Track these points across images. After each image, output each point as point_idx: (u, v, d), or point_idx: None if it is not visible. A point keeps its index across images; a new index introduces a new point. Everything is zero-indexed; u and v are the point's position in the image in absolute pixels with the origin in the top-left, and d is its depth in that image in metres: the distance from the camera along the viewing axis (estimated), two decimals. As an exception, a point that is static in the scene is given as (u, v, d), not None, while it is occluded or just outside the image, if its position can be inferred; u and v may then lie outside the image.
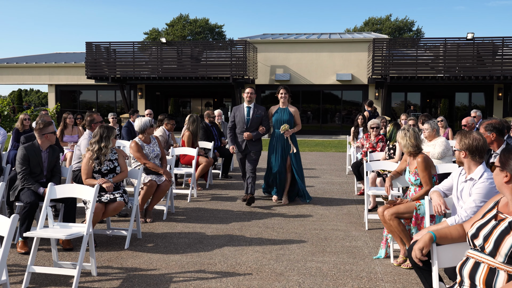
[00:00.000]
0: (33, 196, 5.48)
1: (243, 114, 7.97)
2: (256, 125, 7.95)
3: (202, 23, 62.14)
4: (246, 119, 7.94)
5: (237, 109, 8.08)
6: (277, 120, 7.97)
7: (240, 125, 7.98)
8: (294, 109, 8.03)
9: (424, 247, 2.95)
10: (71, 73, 28.75)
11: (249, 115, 7.94)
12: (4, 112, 13.09)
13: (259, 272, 4.84)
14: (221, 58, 25.31)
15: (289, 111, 7.98)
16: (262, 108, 8.06)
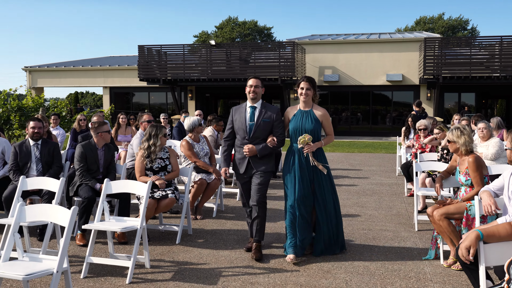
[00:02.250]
0: (91, 191, 5.77)
1: (244, 117, 5.33)
2: (263, 134, 5.28)
3: (250, 25, 62.59)
4: (248, 124, 5.29)
5: (236, 110, 5.46)
6: (295, 129, 5.27)
7: (240, 134, 5.37)
8: (322, 112, 5.34)
9: (470, 245, 2.92)
10: (125, 75, 29.65)
11: (252, 119, 5.30)
12: (63, 113, 13.72)
13: (307, 270, 4.90)
14: (270, 60, 25.45)
15: (313, 115, 5.29)
16: (273, 109, 5.37)
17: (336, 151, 17.53)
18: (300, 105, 5.39)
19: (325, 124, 5.36)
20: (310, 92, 5.29)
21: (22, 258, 3.72)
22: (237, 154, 5.43)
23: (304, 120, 5.26)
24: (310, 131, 5.19)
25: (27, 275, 3.32)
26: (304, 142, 5.14)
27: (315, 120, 5.26)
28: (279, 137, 5.30)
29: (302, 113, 5.33)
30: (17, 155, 6.21)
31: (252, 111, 5.34)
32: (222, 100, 35.32)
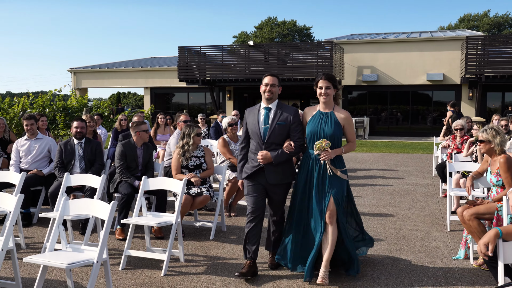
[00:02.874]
0: (130, 188, 6.07)
1: (257, 120, 4.72)
2: (279, 138, 4.66)
3: (290, 25, 62.65)
4: (262, 128, 4.68)
5: (249, 112, 4.88)
6: (313, 133, 4.64)
7: (254, 139, 4.76)
8: (344, 115, 4.69)
9: (489, 242, 2.99)
10: (165, 76, 30.30)
11: (267, 122, 4.67)
12: (105, 113, 14.24)
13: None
14: (308, 60, 25.49)
15: (334, 118, 4.65)
16: (290, 110, 4.74)
17: (373, 151, 17.44)
18: (320, 106, 4.74)
19: (347, 129, 4.71)
20: (330, 91, 4.64)
21: (65, 249, 4.00)
22: (250, 162, 4.75)
23: (323, 124, 4.62)
24: (329, 136, 4.55)
25: (70, 264, 3.59)
26: (321, 148, 4.49)
27: (335, 124, 4.61)
28: (297, 141, 4.65)
29: (321, 115, 4.68)
30: (62, 153, 6.58)
31: (267, 113, 4.70)
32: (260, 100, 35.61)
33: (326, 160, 4.53)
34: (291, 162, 4.85)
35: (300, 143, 4.68)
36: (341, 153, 4.64)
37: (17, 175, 5.73)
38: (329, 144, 4.49)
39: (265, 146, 4.65)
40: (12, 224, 4.11)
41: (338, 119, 4.64)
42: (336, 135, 4.59)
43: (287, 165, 4.74)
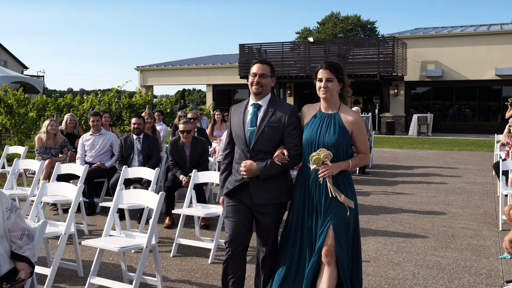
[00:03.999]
0: (171, 182, 6.48)
1: (242, 121, 3.64)
2: (269, 145, 3.56)
3: (354, 20, 61.75)
4: (248, 131, 3.60)
5: (235, 110, 3.78)
6: (309, 141, 3.52)
7: (238, 145, 3.68)
8: (353, 118, 3.51)
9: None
10: (226, 73, 30.91)
11: (254, 123, 3.59)
12: (167, 110, 14.84)
13: (377, 261, 5.11)
14: (369, 56, 25.16)
15: (339, 121, 3.51)
16: (286, 108, 3.59)
17: (434, 148, 17.04)
18: (321, 105, 3.57)
19: (357, 136, 3.49)
20: (333, 85, 3.45)
21: (119, 234, 4.37)
22: (234, 175, 3.65)
23: (324, 129, 3.45)
24: (331, 145, 3.40)
25: (122, 247, 3.95)
26: (318, 161, 3.34)
27: (340, 129, 3.43)
28: (293, 150, 3.51)
29: (322, 117, 3.51)
30: (122, 148, 7.04)
31: (255, 112, 3.59)
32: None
33: (327, 178, 3.36)
34: (286, 177, 3.66)
35: (297, 151, 3.53)
36: (347, 168, 3.43)
37: (81, 168, 6.23)
38: (329, 156, 3.35)
39: (251, 155, 3.53)
40: (74, 211, 4.54)
41: (344, 123, 3.44)
42: (340, 144, 3.41)
43: (280, 180, 3.59)
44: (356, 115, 3.51)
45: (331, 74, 3.46)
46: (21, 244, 3.09)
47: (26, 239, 3.13)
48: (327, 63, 3.51)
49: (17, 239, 3.09)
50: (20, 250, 3.07)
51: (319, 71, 3.50)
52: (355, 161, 3.50)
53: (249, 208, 3.62)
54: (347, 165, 3.44)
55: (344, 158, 3.46)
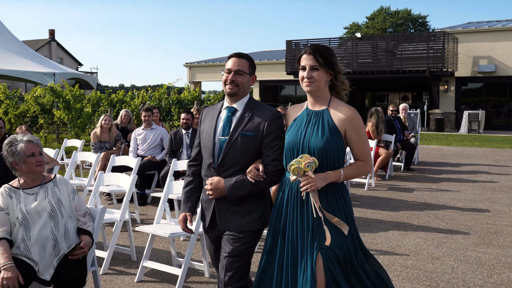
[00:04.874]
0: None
1: (213, 128, 3.05)
2: (242, 159, 2.95)
3: (404, 14, 60.55)
4: (218, 141, 3.00)
5: (207, 114, 3.17)
6: (291, 145, 2.84)
7: (205, 157, 3.07)
8: (346, 115, 2.80)
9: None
10: (273, 69, 31.13)
11: (226, 131, 2.99)
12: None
13: (416, 255, 5.21)
14: (418, 51, 24.74)
15: (329, 119, 2.81)
16: (266, 114, 2.96)
17: (484, 146, 16.66)
18: (308, 100, 2.92)
19: (352, 137, 2.78)
20: (318, 75, 2.78)
21: (169, 222, 4.69)
22: (204, 194, 3.09)
23: (310, 129, 2.78)
24: (319, 150, 2.71)
25: (171, 234, 4.26)
26: (299, 171, 2.66)
27: (330, 130, 2.75)
28: (271, 165, 2.88)
29: (308, 115, 2.85)
30: (172, 142, 7.40)
31: (228, 117, 2.99)
32: (370, 92, 35.14)
33: (310, 193, 2.68)
34: (263, 199, 3.01)
35: (276, 167, 2.87)
36: (337, 179, 2.73)
37: (133, 160, 6.63)
38: (313, 165, 2.66)
39: (219, 170, 2.94)
40: (128, 199, 4.89)
41: (334, 122, 2.76)
42: (329, 149, 2.71)
43: (254, 202, 2.95)
44: (351, 110, 2.79)
45: (317, 61, 2.76)
46: (85, 220, 3.49)
47: (88, 217, 3.55)
48: (312, 47, 2.80)
49: (81, 216, 3.50)
50: (84, 225, 3.47)
51: (302, 57, 2.82)
52: (349, 170, 2.77)
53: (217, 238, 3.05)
54: (337, 175, 2.71)
55: (335, 166, 2.75)
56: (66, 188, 3.46)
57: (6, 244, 3.18)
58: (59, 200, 3.37)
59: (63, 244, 3.29)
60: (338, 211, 2.75)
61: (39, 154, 3.35)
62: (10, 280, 2.99)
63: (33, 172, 3.35)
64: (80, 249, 3.28)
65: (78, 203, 3.52)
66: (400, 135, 10.71)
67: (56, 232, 3.28)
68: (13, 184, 3.39)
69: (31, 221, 3.25)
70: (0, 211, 3.30)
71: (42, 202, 3.31)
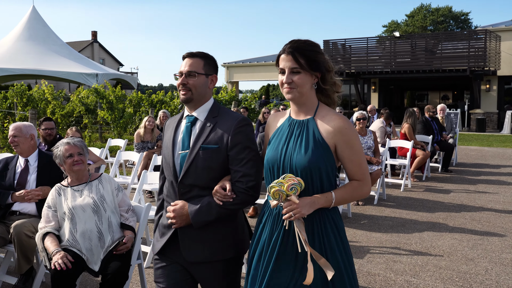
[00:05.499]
0: None
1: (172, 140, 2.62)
2: (206, 176, 2.50)
3: (444, 12, 59.31)
4: (178, 156, 2.57)
5: (169, 125, 2.72)
6: (271, 163, 2.37)
7: (167, 175, 2.64)
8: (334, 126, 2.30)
9: None
10: (310, 69, 31.10)
11: (186, 144, 2.56)
12: (251, 106, 15.45)
13: (450, 255, 5.27)
14: (458, 50, 24.29)
15: (315, 131, 2.32)
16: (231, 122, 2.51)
17: (526, 147, 16.26)
18: (291, 108, 2.46)
19: (344, 152, 2.31)
20: (300, 78, 2.31)
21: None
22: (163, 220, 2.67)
23: (293, 144, 2.33)
24: (303, 169, 2.26)
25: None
26: (281, 195, 2.22)
27: (316, 143, 2.29)
28: (241, 182, 2.45)
29: (291, 125, 2.41)
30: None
31: (188, 127, 2.58)
32: (409, 91, 34.65)
33: (294, 222, 2.22)
34: (235, 222, 2.60)
35: (248, 184, 2.45)
36: (328, 204, 2.28)
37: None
38: (297, 187, 2.21)
39: (180, 191, 2.54)
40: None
41: (322, 134, 2.30)
42: (315, 167, 2.25)
43: (224, 228, 2.54)
44: (341, 120, 2.30)
45: (297, 62, 2.28)
46: (127, 216, 3.75)
47: (131, 213, 3.80)
48: (291, 44, 2.31)
49: (124, 212, 3.76)
50: (126, 221, 3.73)
51: (280, 57, 2.34)
52: (342, 193, 2.30)
53: (184, 269, 2.58)
54: (327, 200, 2.26)
55: (324, 188, 2.29)
56: (110, 186, 3.72)
57: (53, 236, 3.50)
58: (102, 196, 3.63)
59: (108, 237, 3.55)
60: (329, 246, 2.26)
61: (77, 154, 3.64)
62: (63, 258, 3.26)
63: (73, 171, 3.64)
64: (123, 244, 3.53)
65: (122, 199, 3.76)
66: (438, 136, 10.65)
67: (100, 225, 3.54)
68: (63, 183, 3.70)
69: (76, 216, 3.53)
70: (49, 209, 3.62)
71: (86, 198, 3.59)
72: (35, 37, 19.98)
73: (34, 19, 20.83)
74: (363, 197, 2.41)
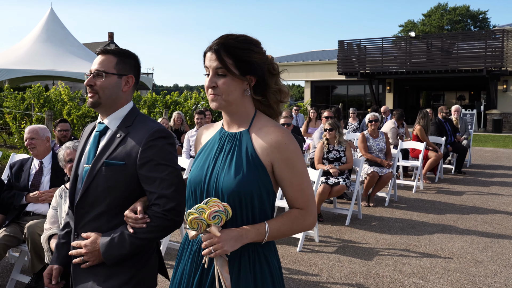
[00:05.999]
0: None
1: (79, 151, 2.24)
2: (106, 198, 2.08)
3: (462, 11, 58.71)
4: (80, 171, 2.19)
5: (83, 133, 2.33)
6: (194, 184, 1.91)
7: (69, 197, 2.23)
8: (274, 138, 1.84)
9: None
10: (325, 69, 31.09)
11: (91, 157, 2.16)
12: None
13: (460, 258, 5.27)
14: (474, 50, 24.08)
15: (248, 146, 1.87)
16: (144, 132, 2.09)
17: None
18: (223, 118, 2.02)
19: (283, 173, 1.87)
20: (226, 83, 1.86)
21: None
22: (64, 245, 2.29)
23: (221, 161, 1.91)
24: (230, 193, 1.83)
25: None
26: (200, 224, 1.80)
27: (248, 162, 1.86)
28: (157, 205, 2.05)
29: (222, 139, 1.98)
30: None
31: (96, 137, 2.20)
32: (425, 92, 34.41)
33: (215, 260, 1.82)
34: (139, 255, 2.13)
35: (164, 207, 2.03)
36: (260, 238, 1.84)
37: (186, 161, 6.99)
38: (224, 215, 1.80)
39: (77, 213, 2.16)
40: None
41: (256, 150, 1.87)
42: (245, 192, 1.83)
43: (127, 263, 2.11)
44: (280, 133, 1.84)
45: (221, 62, 1.83)
46: None
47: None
48: (218, 41, 1.85)
49: None
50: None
51: (206, 55, 1.88)
52: (278, 224, 1.84)
53: None
54: (259, 233, 1.81)
55: (257, 218, 1.84)
56: None
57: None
58: None
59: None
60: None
61: None
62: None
63: None
64: None
65: None
66: (451, 137, 10.59)
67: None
68: (66, 185, 3.78)
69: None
70: (54, 210, 3.71)
71: None
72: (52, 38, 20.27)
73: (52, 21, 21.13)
74: (305, 229, 1.92)
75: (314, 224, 1.92)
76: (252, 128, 1.91)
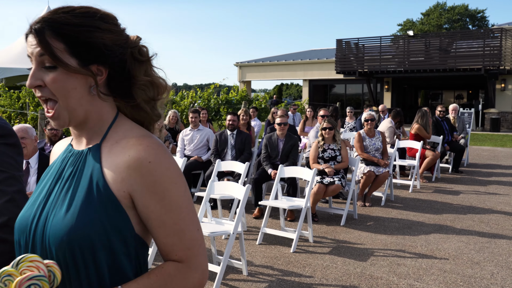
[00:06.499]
0: (258, 175, 6.93)
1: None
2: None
3: (460, 10, 58.68)
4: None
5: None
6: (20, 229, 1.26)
7: None
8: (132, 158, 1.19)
9: None
10: (323, 68, 31.01)
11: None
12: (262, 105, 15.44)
13: (456, 259, 5.19)
14: (473, 49, 24.00)
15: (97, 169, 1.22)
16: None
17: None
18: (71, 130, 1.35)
19: (149, 208, 1.19)
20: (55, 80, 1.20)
21: (210, 221, 4.90)
22: None
23: (56, 193, 1.25)
24: (58, 245, 1.16)
25: (211, 232, 4.46)
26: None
27: (89, 195, 1.20)
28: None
29: (66, 159, 1.31)
30: (217, 142, 7.64)
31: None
32: (423, 91, 34.34)
33: None
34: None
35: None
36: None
37: (180, 160, 6.90)
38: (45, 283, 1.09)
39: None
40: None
41: (106, 176, 1.21)
42: (82, 240, 1.16)
43: None
44: (143, 147, 1.21)
45: (45, 46, 1.20)
46: None
47: None
48: (42, 17, 1.23)
49: None
50: None
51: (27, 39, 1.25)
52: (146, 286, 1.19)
53: None
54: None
55: (106, 278, 1.20)
56: None
57: None
58: None
59: None
60: None
61: None
62: None
63: None
64: None
65: None
66: (448, 136, 10.51)
67: None
68: None
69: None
70: None
71: None
72: (48, 37, 20.20)
73: (48, 20, 21.06)
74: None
75: (203, 283, 1.25)
76: (105, 142, 1.27)
